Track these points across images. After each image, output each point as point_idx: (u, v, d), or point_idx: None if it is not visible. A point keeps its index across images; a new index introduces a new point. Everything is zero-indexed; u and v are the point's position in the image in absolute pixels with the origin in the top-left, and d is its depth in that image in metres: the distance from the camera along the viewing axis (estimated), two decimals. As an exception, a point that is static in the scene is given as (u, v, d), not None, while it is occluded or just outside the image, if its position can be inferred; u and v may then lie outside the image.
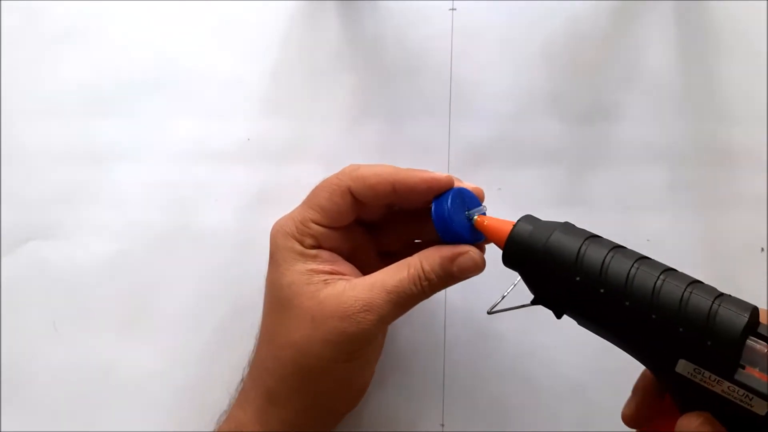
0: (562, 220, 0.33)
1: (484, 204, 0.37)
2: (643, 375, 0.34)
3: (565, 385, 0.43)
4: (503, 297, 0.35)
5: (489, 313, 0.35)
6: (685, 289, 0.29)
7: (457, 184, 0.36)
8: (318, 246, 0.37)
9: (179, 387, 0.44)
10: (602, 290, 0.30)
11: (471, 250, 0.35)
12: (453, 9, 0.46)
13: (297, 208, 0.38)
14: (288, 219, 0.37)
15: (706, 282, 0.30)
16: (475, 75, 0.45)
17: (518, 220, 0.34)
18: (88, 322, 0.44)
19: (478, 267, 0.35)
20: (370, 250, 0.40)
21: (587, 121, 0.45)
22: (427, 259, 0.35)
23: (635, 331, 0.30)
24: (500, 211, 0.36)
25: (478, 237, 0.36)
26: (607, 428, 0.42)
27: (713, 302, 0.28)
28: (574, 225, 0.33)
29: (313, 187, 0.37)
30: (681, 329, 0.28)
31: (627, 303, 0.29)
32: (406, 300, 0.35)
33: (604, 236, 0.32)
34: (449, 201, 0.35)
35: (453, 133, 0.45)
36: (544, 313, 0.33)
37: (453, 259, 0.35)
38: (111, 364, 0.44)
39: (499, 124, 0.45)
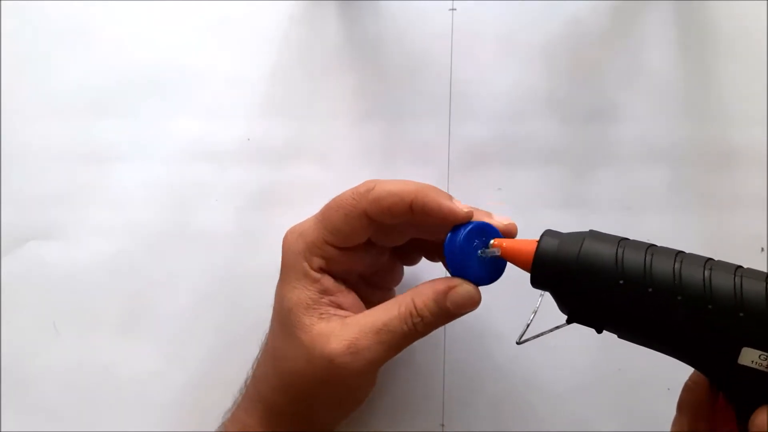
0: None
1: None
2: (686, 388, 0.32)
3: (565, 385, 0.43)
4: (528, 325, 0.33)
5: (518, 343, 0.33)
6: (734, 275, 0.28)
7: (486, 219, 0.34)
8: (325, 270, 0.36)
9: (179, 387, 0.44)
10: (650, 289, 0.29)
11: (465, 282, 0.33)
12: (453, 9, 0.46)
13: (312, 224, 0.36)
14: (300, 236, 0.36)
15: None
16: (475, 75, 0.45)
17: (541, 236, 0.32)
18: (88, 322, 0.44)
19: (474, 301, 0.33)
20: (390, 260, 0.40)
21: (587, 121, 0.45)
22: (420, 295, 0.34)
23: (690, 327, 0.28)
24: (500, 211, 0.36)
25: (492, 277, 0.34)
26: (607, 428, 0.42)
27: (767, 282, 0.28)
28: (600, 231, 0.31)
29: (314, 186, 0.37)
30: (741, 314, 0.27)
31: (679, 297, 0.28)
32: (397, 340, 0.33)
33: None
34: (463, 236, 0.33)
35: (453, 133, 0.45)
36: (544, 313, 0.33)
37: (446, 292, 0.33)
38: (111, 364, 0.44)
39: (499, 125, 0.45)
